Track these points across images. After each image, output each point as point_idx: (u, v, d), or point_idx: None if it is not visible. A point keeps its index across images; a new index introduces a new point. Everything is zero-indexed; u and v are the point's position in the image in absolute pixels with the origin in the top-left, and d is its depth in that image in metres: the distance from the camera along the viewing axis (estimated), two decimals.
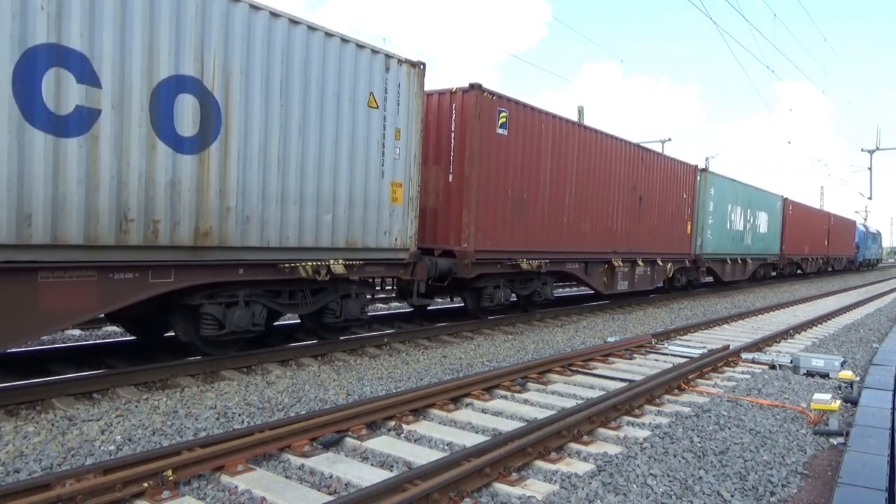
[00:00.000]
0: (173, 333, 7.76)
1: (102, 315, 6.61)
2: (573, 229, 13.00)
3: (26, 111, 5.39)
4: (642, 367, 8.49)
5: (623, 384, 7.27)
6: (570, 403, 6.46)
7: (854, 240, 45.46)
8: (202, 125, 6.63)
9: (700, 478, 4.61)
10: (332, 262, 7.97)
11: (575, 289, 19.78)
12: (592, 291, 14.98)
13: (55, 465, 4.46)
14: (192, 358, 7.45)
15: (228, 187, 6.89)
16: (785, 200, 27.88)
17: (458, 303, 13.72)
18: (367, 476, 4.38)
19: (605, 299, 16.37)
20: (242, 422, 5.61)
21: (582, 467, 4.69)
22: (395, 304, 14.82)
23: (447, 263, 10.10)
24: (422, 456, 4.80)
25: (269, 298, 7.70)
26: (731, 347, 9.71)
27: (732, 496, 4.34)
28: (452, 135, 10.42)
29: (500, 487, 4.31)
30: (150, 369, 6.90)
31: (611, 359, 8.98)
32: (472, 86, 10.24)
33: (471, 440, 5.20)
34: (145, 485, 3.97)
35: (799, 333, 12.31)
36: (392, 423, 5.58)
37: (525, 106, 11.42)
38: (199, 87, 6.57)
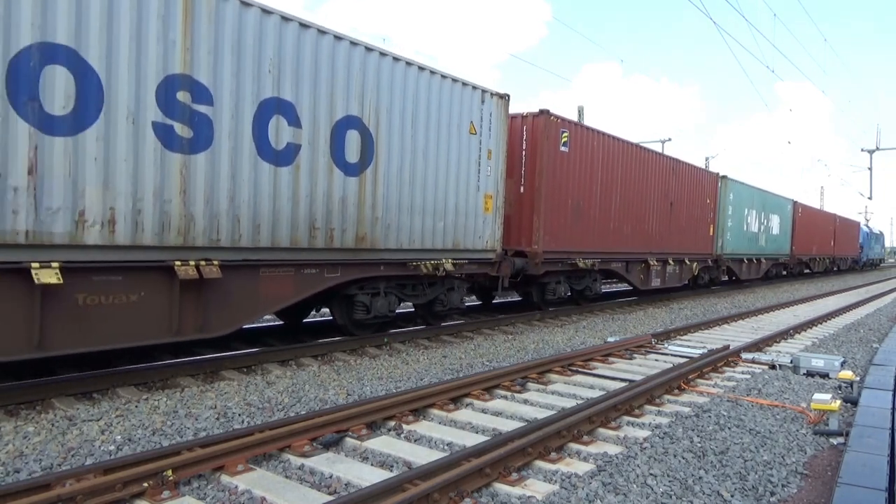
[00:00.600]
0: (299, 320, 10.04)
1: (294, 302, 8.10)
2: (617, 232, 14.78)
3: (259, 149, 7.24)
4: (642, 367, 8.49)
5: (623, 384, 7.27)
6: (570, 403, 6.46)
7: (858, 240, 46.83)
8: (362, 153, 8.49)
9: (700, 478, 4.61)
10: (444, 260, 9.80)
11: (613, 286, 21.21)
12: (630, 287, 17.06)
13: (55, 465, 4.46)
14: (192, 358, 7.46)
15: (377, 202, 8.75)
16: (795, 203, 29.25)
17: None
18: (367, 476, 4.38)
19: (636, 295, 18.16)
20: (242, 422, 5.61)
21: (582, 467, 4.69)
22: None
23: (521, 262, 11.76)
24: (422, 456, 4.80)
25: (399, 290, 9.52)
26: (731, 347, 9.71)
27: (732, 496, 4.34)
28: (524, 152, 12.14)
29: (500, 487, 4.31)
30: (150, 369, 6.91)
31: (611, 359, 8.98)
32: (541, 111, 12.05)
33: (471, 440, 5.20)
34: (145, 485, 3.97)
35: (799, 333, 12.31)
36: (392, 423, 5.58)
37: (582, 126, 13.44)
38: (360, 123, 8.45)
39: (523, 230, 12.08)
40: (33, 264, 5.44)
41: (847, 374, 7.42)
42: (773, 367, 8.81)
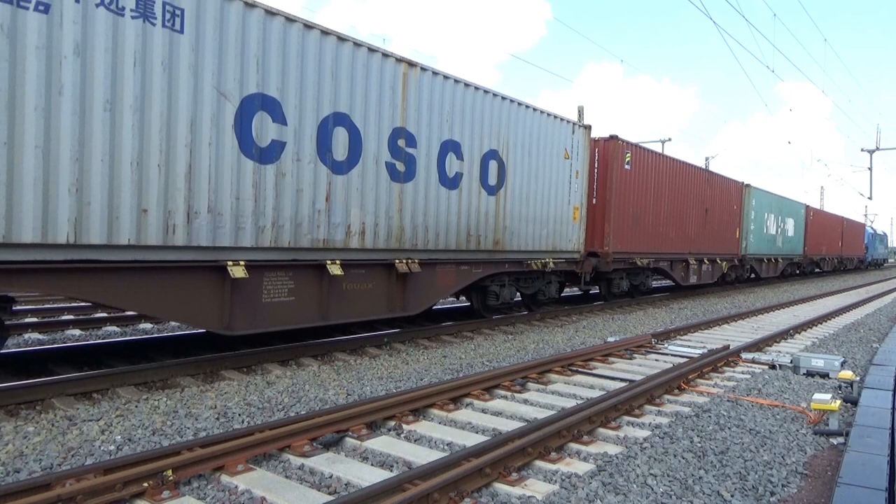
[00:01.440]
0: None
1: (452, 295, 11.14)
2: (665, 236, 17.35)
3: (440, 178, 9.72)
4: (642, 367, 8.49)
5: (623, 384, 7.27)
6: (570, 403, 6.46)
7: (864, 241, 49.21)
8: (498, 178, 11.02)
9: (700, 478, 4.61)
10: (547, 259, 12.41)
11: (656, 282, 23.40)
12: (658, 284, 20.52)
13: (55, 465, 4.46)
14: (192, 357, 7.45)
15: (506, 214, 11.26)
16: (807, 207, 31.94)
17: (463, 303, 15.14)
18: (367, 476, 4.38)
19: (676, 290, 21.25)
20: (242, 422, 5.61)
21: (582, 467, 4.69)
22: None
23: (595, 261, 14.29)
24: (422, 456, 4.80)
25: (516, 283, 12.18)
26: (731, 347, 9.71)
27: (732, 496, 4.34)
28: (596, 170, 14.57)
29: (500, 487, 4.31)
30: (150, 369, 6.90)
31: (611, 359, 8.98)
32: (611, 136, 14.63)
33: (471, 440, 5.20)
34: (145, 485, 3.97)
35: (799, 333, 12.31)
36: (392, 423, 5.58)
37: (640, 147, 16.04)
38: (497, 155, 10.97)
39: (595, 235, 14.48)
40: (328, 262, 8.01)
41: (847, 373, 7.41)
42: (773, 367, 8.81)
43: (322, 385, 6.95)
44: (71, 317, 10.88)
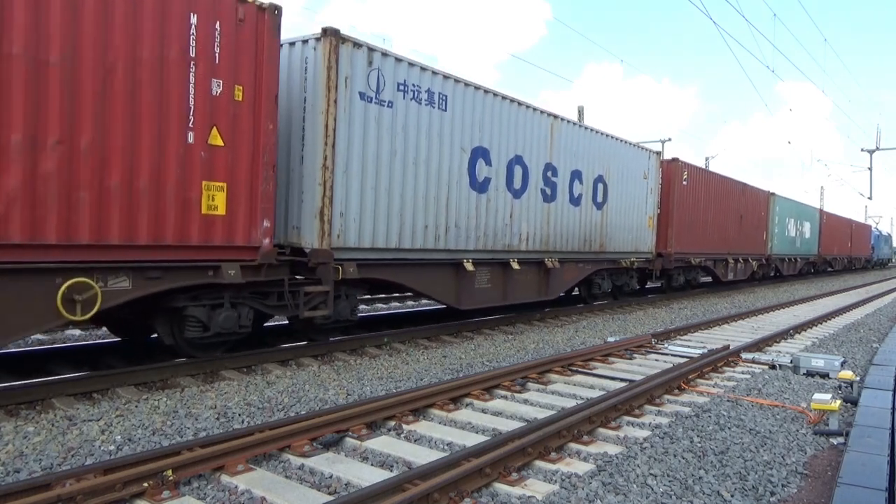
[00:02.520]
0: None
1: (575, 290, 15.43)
2: (710, 238, 20.68)
3: (570, 199, 13.20)
4: (642, 367, 8.49)
5: (623, 384, 7.27)
6: (570, 403, 6.46)
7: (870, 242, 52.97)
8: (603, 196, 14.38)
9: (700, 478, 4.61)
10: (632, 258, 15.89)
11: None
12: (711, 280, 23.16)
13: (55, 465, 4.46)
14: (190, 359, 7.45)
15: (607, 224, 14.61)
16: (821, 211, 35.98)
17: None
18: (367, 476, 4.38)
19: (717, 285, 23.93)
20: (242, 422, 5.61)
21: (582, 467, 4.69)
22: (394, 303, 14.81)
23: (661, 260, 17.54)
24: (422, 456, 4.80)
25: (610, 277, 15.53)
26: (731, 347, 9.71)
27: (732, 496, 4.34)
28: (660, 185, 17.53)
29: (500, 487, 4.31)
30: (150, 369, 6.90)
31: (611, 359, 8.98)
32: (673, 159, 18.36)
33: (471, 440, 5.20)
34: (145, 485, 3.97)
35: (799, 333, 12.31)
36: (392, 423, 5.58)
37: (693, 166, 19.69)
38: (603, 178, 14.35)
39: (660, 238, 17.50)
40: (511, 260, 11.44)
41: (847, 373, 7.41)
42: (773, 367, 8.81)
43: (322, 385, 6.95)
44: None
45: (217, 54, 6.69)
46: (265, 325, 9.58)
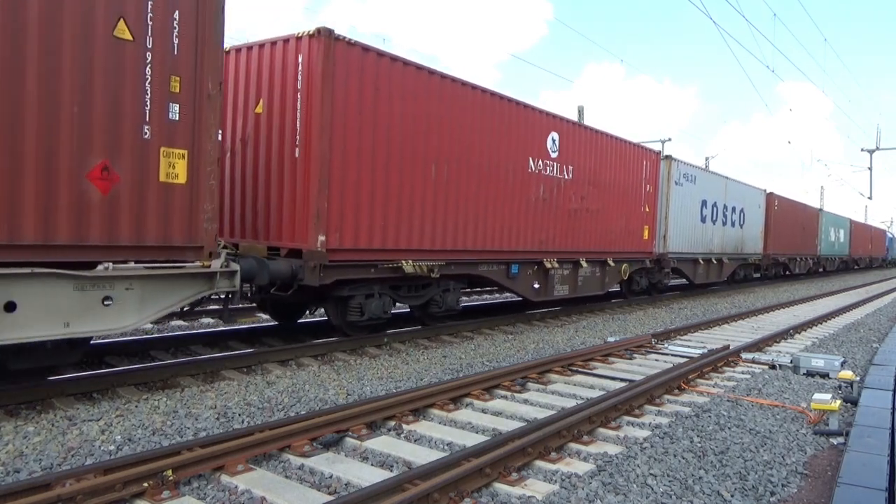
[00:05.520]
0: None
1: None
2: (786, 242, 27.94)
3: (724, 223, 21.53)
4: (642, 367, 8.49)
5: (623, 384, 7.27)
6: (570, 403, 6.46)
7: (885, 244, 63.95)
8: (740, 219, 22.92)
9: (700, 478, 4.61)
10: (754, 257, 24.92)
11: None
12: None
13: (55, 465, 4.46)
14: (192, 358, 7.46)
15: (743, 236, 24.01)
16: (851, 221, 45.20)
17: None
18: (367, 476, 4.38)
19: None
20: (242, 422, 5.61)
21: (582, 467, 4.69)
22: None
23: (767, 258, 24.55)
24: (422, 456, 4.80)
25: (742, 269, 24.57)
26: (731, 347, 9.71)
27: (732, 496, 4.34)
28: (766, 209, 25.44)
29: (500, 487, 4.31)
30: (150, 369, 6.90)
31: (611, 359, 8.98)
32: (770, 194, 26.37)
33: (471, 440, 5.20)
34: (145, 485, 3.97)
35: (799, 333, 12.31)
36: (392, 423, 5.58)
37: (784, 199, 27.50)
38: (738, 207, 22.75)
39: (766, 244, 25.42)
40: (713, 259, 20.70)
41: (847, 373, 7.41)
42: (773, 367, 8.81)
43: (322, 385, 6.95)
44: None
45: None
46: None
